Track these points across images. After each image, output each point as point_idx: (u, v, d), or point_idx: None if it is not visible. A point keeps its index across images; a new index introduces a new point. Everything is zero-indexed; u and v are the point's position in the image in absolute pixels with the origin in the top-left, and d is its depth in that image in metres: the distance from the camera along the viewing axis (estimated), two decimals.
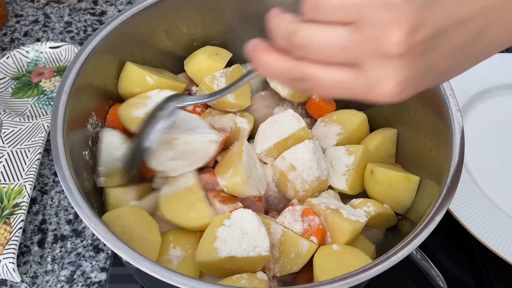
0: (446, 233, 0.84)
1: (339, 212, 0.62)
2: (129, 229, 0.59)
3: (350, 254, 0.59)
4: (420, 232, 0.53)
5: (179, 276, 0.47)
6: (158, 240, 0.61)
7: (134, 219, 0.60)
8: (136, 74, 0.72)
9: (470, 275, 0.80)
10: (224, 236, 0.58)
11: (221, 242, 0.58)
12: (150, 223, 0.62)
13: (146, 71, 0.72)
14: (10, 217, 0.76)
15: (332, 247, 0.60)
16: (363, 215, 0.63)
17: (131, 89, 0.73)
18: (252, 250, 0.58)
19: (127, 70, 0.73)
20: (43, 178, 0.87)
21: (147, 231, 0.60)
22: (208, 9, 0.77)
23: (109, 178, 0.67)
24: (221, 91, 0.56)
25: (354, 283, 0.48)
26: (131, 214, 0.61)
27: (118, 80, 0.73)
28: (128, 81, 0.73)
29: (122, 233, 0.59)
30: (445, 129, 0.62)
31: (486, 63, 1.00)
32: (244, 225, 0.58)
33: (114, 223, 0.59)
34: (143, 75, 0.72)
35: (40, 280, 0.75)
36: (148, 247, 0.59)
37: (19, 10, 1.15)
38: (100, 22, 1.14)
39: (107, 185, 0.66)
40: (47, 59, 1.01)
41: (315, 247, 0.60)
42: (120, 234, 0.58)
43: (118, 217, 0.60)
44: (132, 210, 0.62)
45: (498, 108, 0.97)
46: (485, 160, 0.88)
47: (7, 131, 0.86)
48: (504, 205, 0.81)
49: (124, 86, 0.73)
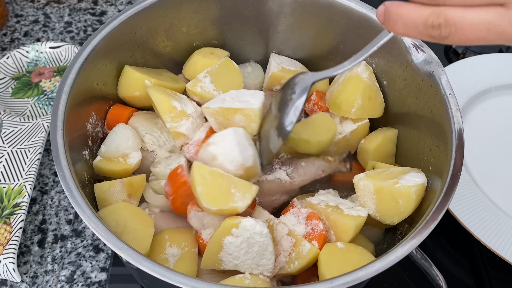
0: (446, 233, 0.84)
1: (339, 208, 0.63)
2: (123, 222, 0.61)
3: (354, 252, 0.60)
4: (420, 232, 0.53)
5: (179, 275, 0.47)
6: (151, 231, 0.62)
7: (128, 214, 0.62)
8: (135, 77, 0.72)
9: (470, 275, 0.80)
10: (230, 248, 0.57)
11: (226, 254, 0.58)
12: (143, 217, 0.63)
13: (145, 74, 0.72)
14: (10, 217, 0.76)
15: (337, 244, 0.61)
16: (362, 209, 0.64)
17: (131, 92, 0.73)
18: (256, 268, 0.58)
19: (126, 74, 0.73)
20: (43, 178, 0.87)
21: (141, 223, 0.61)
22: (208, 9, 0.77)
23: (105, 160, 0.68)
24: (357, 56, 0.57)
25: (354, 282, 0.48)
26: (125, 209, 0.62)
27: (118, 84, 0.74)
28: (128, 85, 0.73)
29: (116, 226, 0.60)
30: (445, 129, 0.62)
31: (486, 63, 1.01)
32: (252, 238, 0.57)
33: (108, 217, 0.61)
34: (141, 79, 0.72)
35: (40, 280, 0.75)
36: (141, 237, 0.60)
37: (19, 10, 1.15)
38: (100, 22, 1.14)
39: (101, 167, 0.67)
40: (47, 59, 1.01)
41: (315, 250, 0.61)
42: (114, 227, 0.60)
43: (112, 212, 0.61)
44: (126, 206, 0.63)
45: (498, 108, 0.97)
46: (485, 160, 0.88)
47: (7, 131, 0.86)
48: (504, 205, 0.81)
49: (123, 90, 0.74)
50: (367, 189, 0.63)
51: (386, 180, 0.62)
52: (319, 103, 0.78)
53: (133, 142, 0.70)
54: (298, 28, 0.80)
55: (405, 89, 0.71)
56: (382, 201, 0.62)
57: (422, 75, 0.66)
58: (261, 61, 0.86)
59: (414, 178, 0.61)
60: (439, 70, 0.65)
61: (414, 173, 0.63)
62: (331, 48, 0.80)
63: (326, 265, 0.59)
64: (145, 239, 0.61)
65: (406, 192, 0.59)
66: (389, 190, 0.61)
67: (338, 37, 0.78)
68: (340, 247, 0.60)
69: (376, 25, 0.71)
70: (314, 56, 0.83)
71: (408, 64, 0.68)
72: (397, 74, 0.71)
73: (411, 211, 0.60)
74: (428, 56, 0.66)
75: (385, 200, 0.61)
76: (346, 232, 0.61)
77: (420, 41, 0.67)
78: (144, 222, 0.62)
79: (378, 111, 0.75)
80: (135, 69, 0.73)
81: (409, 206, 0.60)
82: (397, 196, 0.60)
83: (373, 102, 0.73)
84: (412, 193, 0.59)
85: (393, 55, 0.71)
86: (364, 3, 0.73)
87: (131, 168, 0.68)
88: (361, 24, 0.73)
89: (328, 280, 0.48)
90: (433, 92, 0.65)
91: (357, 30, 0.74)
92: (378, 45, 0.54)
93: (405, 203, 0.60)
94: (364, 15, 0.72)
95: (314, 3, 0.75)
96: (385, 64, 0.73)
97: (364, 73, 0.73)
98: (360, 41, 0.75)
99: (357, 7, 0.72)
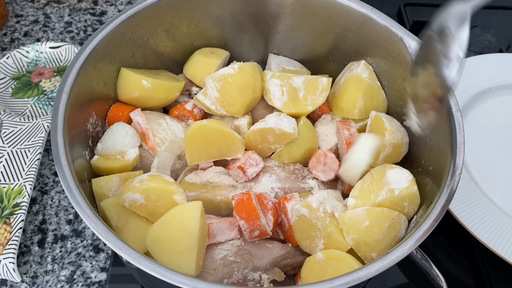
0: (446, 233, 0.84)
1: (337, 221, 0.63)
2: (125, 217, 0.60)
3: (334, 260, 0.60)
4: (420, 232, 0.53)
5: (180, 275, 0.47)
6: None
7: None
8: (131, 79, 0.72)
9: (470, 275, 0.80)
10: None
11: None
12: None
13: (142, 75, 0.72)
14: (10, 217, 0.76)
15: (316, 256, 0.61)
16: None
17: (129, 94, 0.73)
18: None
19: (122, 76, 0.73)
20: (43, 178, 0.87)
21: (142, 219, 0.61)
22: (208, 9, 0.77)
23: (103, 158, 0.67)
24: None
25: (354, 282, 0.48)
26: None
27: (116, 87, 0.74)
28: (125, 87, 0.73)
29: (118, 220, 0.60)
30: (445, 129, 0.62)
31: (486, 63, 1.01)
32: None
33: (110, 209, 0.61)
34: (138, 80, 0.72)
35: (40, 280, 0.75)
36: (143, 235, 0.59)
37: (19, 10, 1.15)
38: (100, 22, 1.14)
39: (98, 165, 0.67)
40: (47, 59, 1.01)
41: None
42: (116, 221, 0.60)
43: (115, 204, 0.61)
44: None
45: (498, 108, 0.97)
46: (485, 160, 0.88)
47: (7, 131, 0.86)
48: (504, 205, 0.81)
49: (122, 92, 0.74)
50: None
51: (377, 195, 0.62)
52: (321, 105, 0.77)
53: (131, 140, 0.70)
54: (298, 28, 0.80)
55: (405, 89, 0.71)
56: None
57: None
58: (261, 61, 0.86)
59: (400, 176, 0.63)
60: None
61: (394, 171, 0.64)
62: (331, 48, 0.80)
63: (304, 280, 0.61)
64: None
65: (411, 194, 0.62)
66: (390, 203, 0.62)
67: (338, 37, 0.78)
68: (318, 259, 0.61)
69: (376, 25, 0.71)
70: (314, 56, 0.83)
71: (408, 64, 0.68)
72: (397, 74, 0.71)
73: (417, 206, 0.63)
74: None
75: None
76: (340, 249, 0.62)
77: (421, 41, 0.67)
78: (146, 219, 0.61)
79: (381, 110, 0.75)
80: (131, 71, 0.73)
81: (416, 203, 0.62)
82: (402, 201, 0.62)
83: (375, 101, 0.73)
84: (416, 192, 0.62)
85: (393, 55, 0.71)
86: (364, 3, 0.72)
87: (129, 164, 0.68)
88: (361, 24, 0.73)
89: (328, 280, 0.48)
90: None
91: (357, 30, 0.74)
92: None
93: (410, 204, 0.62)
94: (364, 15, 0.72)
95: (314, 3, 0.75)
96: (385, 64, 0.73)
97: (364, 73, 0.73)
98: (360, 41, 0.75)
99: (357, 7, 0.72)
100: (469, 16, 0.49)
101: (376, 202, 0.61)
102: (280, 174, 0.71)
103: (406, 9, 1.22)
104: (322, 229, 0.62)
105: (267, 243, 0.66)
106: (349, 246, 0.61)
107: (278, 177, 0.70)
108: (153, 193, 0.60)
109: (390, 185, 0.62)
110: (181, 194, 0.61)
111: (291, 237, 0.66)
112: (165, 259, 0.56)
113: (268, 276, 0.63)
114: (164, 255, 0.56)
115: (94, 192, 0.65)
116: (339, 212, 0.63)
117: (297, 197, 0.66)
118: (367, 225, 0.59)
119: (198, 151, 0.67)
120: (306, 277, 0.61)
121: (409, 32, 0.68)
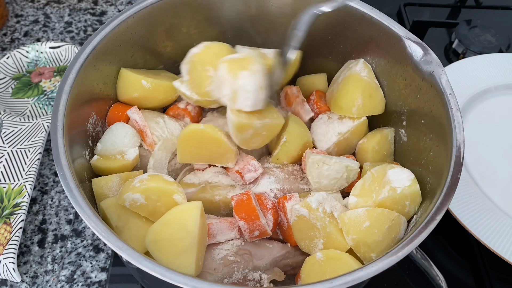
0: (446, 233, 0.84)
1: (336, 221, 0.63)
2: (125, 217, 0.60)
3: (334, 260, 0.60)
4: (420, 232, 0.53)
5: (180, 275, 0.47)
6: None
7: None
8: (131, 79, 0.72)
9: (470, 275, 0.80)
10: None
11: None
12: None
13: (141, 75, 0.72)
14: (10, 217, 0.76)
15: (316, 256, 0.61)
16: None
17: (129, 94, 0.73)
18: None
19: (122, 76, 0.73)
20: (43, 178, 0.87)
21: (142, 220, 0.61)
22: (208, 9, 0.77)
23: (103, 159, 0.67)
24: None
25: (354, 282, 0.48)
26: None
27: (116, 86, 0.74)
28: (125, 87, 0.73)
29: (117, 220, 0.60)
30: (445, 129, 0.62)
31: (486, 63, 1.01)
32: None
33: (110, 209, 0.61)
34: (138, 80, 0.72)
35: (40, 280, 0.75)
36: (143, 235, 0.59)
37: (19, 10, 1.15)
38: (100, 22, 1.14)
39: (98, 165, 0.67)
40: (47, 59, 1.01)
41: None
42: (116, 221, 0.60)
43: (115, 204, 0.61)
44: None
45: (498, 108, 0.97)
46: (485, 160, 0.88)
47: (7, 131, 0.86)
48: (504, 205, 0.81)
49: (122, 92, 0.74)
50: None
51: (378, 194, 0.63)
52: (318, 103, 0.78)
53: (130, 140, 0.70)
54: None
55: (405, 89, 0.71)
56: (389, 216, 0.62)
57: (422, 75, 0.66)
58: None
59: (401, 175, 0.63)
60: (439, 70, 0.65)
61: (394, 171, 0.64)
62: (331, 47, 0.80)
63: (304, 280, 0.61)
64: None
65: (413, 192, 0.61)
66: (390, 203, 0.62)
67: (338, 36, 0.78)
68: (318, 259, 0.61)
69: (376, 25, 0.71)
70: (314, 56, 0.83)
71: (408, 64, 0.68)
72: (397, 74, 0.71)
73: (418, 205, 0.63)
74: (428, 56, 0.66)
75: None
76: (339, 249, 0.62)
77: (420, 41, 0.67)
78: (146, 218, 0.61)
79: (379, 108, 0.75)
80: (131, 71, 0.73)
81: (417, 202, 0.63)
82: (404, 200, 0.61)
83: (374, 99, 0.74)
84: (418, 190, 0.62)
85: (393, 55, 0.71)
86: (364, 3, 0.72)
87: (129, 164, 0.68)
88: (361, 24, 0.73)
89: (327, 280, 0.48)
90: (433, 92, 0.65)
91: (357, 30, 0.74)
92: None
93: (411, 202, 0.62)
94: (364, 14, 0.72)
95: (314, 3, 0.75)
96: (385, 63, 0.73)
97: (362, 71, 0.73)
98: (360, 41, 0.75)
99: (357, 6, 0.72)
100: (313, 18, 0.64)
101: (378, 200, 0.61)
102: (279, 175, 0.71)
103: (406, 9, 1.22)
104: (321, 229, 0.62)
105: (267, 243, 0.66)
106: (349, 246, 0.61)
107: (277, 178, 0.70)
108: (154, 193, 0.60)
109: (391, 183, 0.62)
110: (181, 193, 0.61)
111: (290, 237, 0.66)
112: (165, 259, 0.56)
113: (268, 276, 0.63)
114: (164, 255, 0.56)
115: (94, 192, 0.64)
116: (338, 212, 0.63)
117: (297, 197, 0.66)
118: (368, 226, 0.59)
119: (190, 152, 0.67)
120: (305, 277, 0.61)
121: (409, 32, 0.68)
